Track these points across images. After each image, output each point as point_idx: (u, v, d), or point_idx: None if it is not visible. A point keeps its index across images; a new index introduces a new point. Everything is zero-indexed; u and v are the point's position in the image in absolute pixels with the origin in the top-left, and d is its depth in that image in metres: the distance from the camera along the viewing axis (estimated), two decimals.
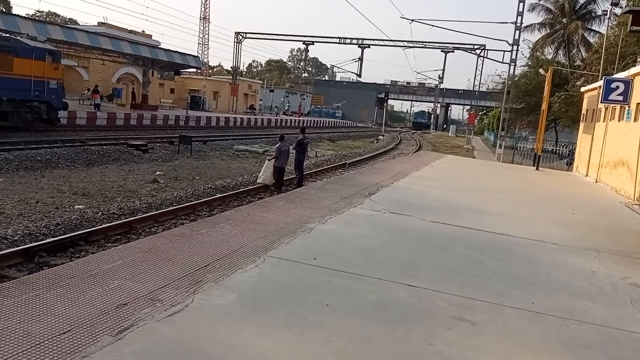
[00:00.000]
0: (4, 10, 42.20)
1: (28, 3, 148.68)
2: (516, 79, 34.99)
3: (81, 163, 15.74)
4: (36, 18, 44.92)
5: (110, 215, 9.67)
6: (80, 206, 10.31)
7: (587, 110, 22.53)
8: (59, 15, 69.35)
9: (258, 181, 14.18)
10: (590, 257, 7.20)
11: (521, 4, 31.55)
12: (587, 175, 20.01)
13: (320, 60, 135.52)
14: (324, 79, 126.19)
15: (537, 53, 41.27)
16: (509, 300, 5.08)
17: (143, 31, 54.11)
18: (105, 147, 18.82)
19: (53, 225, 8.57)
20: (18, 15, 30.99)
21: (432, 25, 38.02)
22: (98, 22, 50.63)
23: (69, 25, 41.52)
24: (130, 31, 50.20)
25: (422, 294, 5.00)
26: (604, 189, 16.27)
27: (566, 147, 31.39)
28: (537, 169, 22.28)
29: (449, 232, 7.87)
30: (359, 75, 60.53)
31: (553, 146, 32.52)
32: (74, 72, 41.22)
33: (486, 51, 47.14)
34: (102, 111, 30.85)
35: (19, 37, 22.42)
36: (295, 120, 58.39)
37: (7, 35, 22.66)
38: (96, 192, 11.87)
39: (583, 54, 40.53)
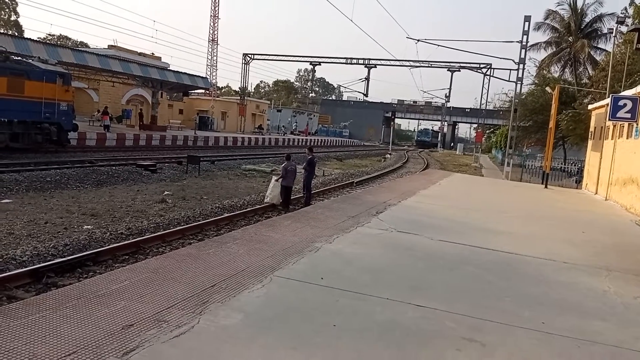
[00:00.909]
0: (16, 34, 42.99)
1: (40, 27, 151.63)
2: (523, 97, 35.01)
3: (90, 183, 15.84)
4: (47, 41, 45.80)
5: (118, 235, 9.69)
6: (89, 226, 10.34)
7: (595, 127, 22.46)
8: (69, 39, 70.60)
9: (265, 200, 14.19)
10: (601, 276, 7.10)
11: (527, 23, 31.75)
12: (596, 193, 19.85)
13: (327, 80, 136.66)
14: (331, 98, 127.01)
15: (544, 71, 41.34)
16: (520, 320, 5.01)
17: (152, 53, 55.00)
18: (114, 167, 18.97)
19: (61, 245, 8.60)
20: (30, 38, 31.60)
21: (438, 45, 38.45)
22: (108, 45, 51.53)
23: (80, 48, 42.25)
24: (140, 53, 51.02)
25: (431, 315, 4.94)
26: (614, 207, 16.11)
27: (575, 165, 31.22)
28: (545, 186, 22.15)
29: (457, 251, 7.80)
30: (366, 95, 60.99)
31: (561, 164, 32.35)
32: (84, 94, 41.79)
33: (492, 70, 47.40)
34: (112, 132, 31.18)
35: (30, 60, 22.80)
36: (302, 139, 58.61)
37: (19, 58, 23.04)
38: (105, 212, 11.92)
39: (590, 72, 40.53)
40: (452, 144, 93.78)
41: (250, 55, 57.50)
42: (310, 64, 62.38)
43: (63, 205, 12.32)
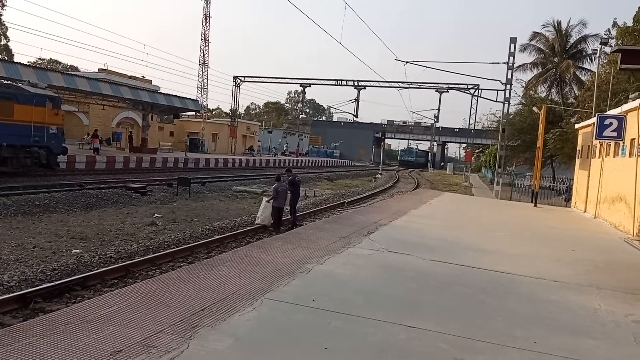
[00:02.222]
0: (6, 58, 43.02)
1: (30, 51, 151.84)
2: (511, 117, 35.42)
3: (80, 207, 15.72)
4: (38, 65, 45.83)
5: (107, 259, 9.59)
6: (78, 250, 10.23)
7: (582, 146, 22.74)
8: (60, 63, 70.70)
9: (256, 222, 14.14)
10: (592, 294, 7.13)
11: (512, 45, 32.34)
12: (585, 211, 20.00)
13: (317, 101, 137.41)
14: (321, 119, 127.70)
15: (531, 91, 41.93)
16: (511, 340, 5.00)
17: (143, 76, 55.25)
18: (104, 190, 18.84)
19: (50, 270, 8.49)
20: (19, 63, 31.60)
21: (426, 67, 38.93)
22: (99, 69, 51.69)
23: (70, 72, 42.32)
24: (131, 77, 51.19)
25: (423, 336, 4.92)
26: (603, 225, 16.23)
27: (563, 183, 31.47)
28: (535, 205, 22.29)
29: (448, 271, 7.80)
30: (356, 116, 61.32)
31: (550, 182, 32.61)
32: (74, 117, 41.73)
33: (480, 90, 48.02)
34: (102, 155, 31.06)
35: (20, 84, 22.77)
36: (293, 160, 58.70)
37: (9, 82, 23.00)
38: (94, 235, 11.81)
39: (576, 92, 41.18)
40: (442, 164, 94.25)
41: (240, 78, 57.86)
42: (300, 86, 62.72)
43: (52, 229, 12.19)
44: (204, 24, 75.41)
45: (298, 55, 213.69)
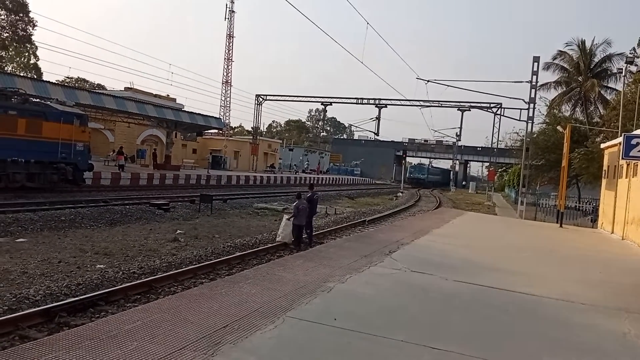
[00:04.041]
0: (35, 76, 44.32)
1: (59, 70, 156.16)
2: (534, 136, 35.03)
3: (104, 222, 15.96)
4: (66, 84, 47.09)
5: (130, 274, 9.69)
6: (102, 265, 10.37)
7: (608, 166, 22.33)
8: (87, 81, 72.55)
9: (277, 239, 14.15)
10: (621, 317, 6.93)
11: (536, 64, 32.11)
12: (612, 232, 19.55)
13: (338, 119, 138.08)
14: (342, 137, 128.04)
15: (555, 110, 41.45)
16: None
17: (168, 95, 56.23)
18: (128, 206, 19.11)
19: (74, 285, 8.61)
20: (48, 81, 32.55)
21: (448, 85, 38.80)
22: (125, 87, 52.84)
23: (97, 91, 43.37)
24: (156, 95, 52.18)
25: (447, 357, 4.84)
26: (631, 247, 15.83)
27: (589, 204, 30.88)
28: (560, 226, 21.89)
29: (472, 292, 7.69)
30: (377, 134, 61.24)
31: (576, 202, 32.03)
32: (101, 135, 42.59)
33: (503, 109, 47.56)
34: (126, 172, 31.58)
35: (48, 102, 23.38)
36: (314, 178, 58.85)
37: (38, 100, 23.64)
38: (118, 251, 11.96)
39: (601, 111, 40.57)
40: (464, 183, 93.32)
41: (262, 96, 58.51)
42: (321, 104, 63.12)
43: (77, 244, 12.39)
44: (227, 43, 76.89)
45: (319, 73, 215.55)
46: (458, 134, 63.46)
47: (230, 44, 77.19)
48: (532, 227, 21.83)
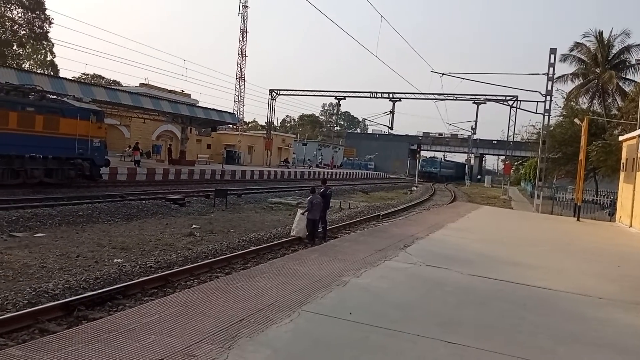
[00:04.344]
0: (52, 73, 44.85)
1: (75, 67, 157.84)
2: (551, 128, 34.59)
3: (121, 217, 16.13)
4: (82, 80, 47.60)
5: (147, 268, 9.80)
6: (119, 260, 10.49)
7: (626, 159, 21.99)
8: (103, 78, 73.23)
9: (292, 234, 14.20)
10: (639, 312, 6.85)
11: (552, 56, 31.66)
12: (631, 225, 19.28)
13: (352, 113, 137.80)
14: (356, 131, 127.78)
15: (572, 103, 40.88)
16: (555, 358, 4.86)
17: (182, 90, 56.54)
18: (144, 201, 19.30)
19: (92, 279, 8.73)
20: (65, 78, 32.86)
21: (463, 78, 38.37)
22: (140, 83, 53.26)
23: (113, 87, 43.74)
24: (170, 91, 52.50)
25: (463, 352, 4.82)
26: None
27: (607, 197, 30.46)
28: (577, 219, 21.64)
29: (488, 286, 7.64)
30: (391, 128, 61.12)
31: (593, 196, 31.61)
32: (117, 131, 43.00)
33: (519, 102, 47.10)
34: (142, 167, 31.87)
35: (65, 99, 23.64)
36: (327, 172, 58.83)
37: (55, 97, 23.92)
38: (134, 245, 12.09)
39: (619, 103, 39.89)
40: (479, 177, 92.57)
41: (276, 91, 58.61)
42: (335, 98, 63.19)
43: (94, 239, 12.55)
44: (241, 39, 76.88)
45: (333, 68, 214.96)
46: (473, 127, 63.07)
47: (244, 39, 77.26)
48: (548, 220, 21.62)
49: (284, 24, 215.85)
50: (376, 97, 57.42)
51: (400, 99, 57.00)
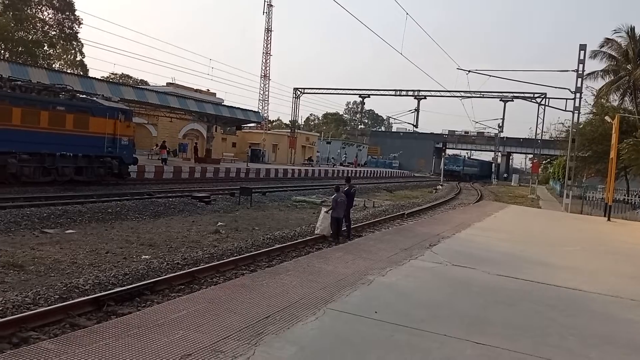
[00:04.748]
0: (82, 73, 45.79)
1: (104, 67, 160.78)
2: (581, 126, 33.86)
3: (148, 215, 16.39)
4: (110, 80, 48.50)
5: (174, 265, 9.94)
6: (147, 256, 10.67)
7: None
8: (131, 77, 74.45)
9: (316, 232, 14.22)
10: None
11: (582, 52, 30.98)
12: None
13: (376, 112, 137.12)
14: (380, 130, 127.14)
15: (602, 100, 39.91)
16: None
17: (208, 89, 57.10)
18: (171, 199, 19.58)
19: (121, 274, 8.89)
20: (94, 77, 33.54)
21: (490, 76, 37.73)
22: (167, 83, 54.05)
23: (140, 86, 44.45)
24: (196, 90, 53.07)
25: (491, 353, 4.76)
26: None
27: (639, 197, 29.67)
28: (608, 219, 21.13)
29: (516, 287, 7.53)
30: (416, 126, 60.61)
31: (625, 195, 30.82)
32: (144, 129, 43.69)
33: (547, 99, 46.23)
34: (169, 165, 32.32)
35: (94, 98, 24.12)
36: (352, 171, 58.73)
37: (84, 96, 24.44)
38: (162, 242, 12.27)
39: None
40: (505, 175, 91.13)
41: (300, 90, 58.73)
42: (359, 97, 63.03)
43: (123, 235, 12.78)
44: (265, 37, 77.36)
45: (357, 66, 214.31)
46: (500, 125, 62.08)
47: (269, 38, 77.69)
48: (578, 220, 21.17)
49: (309, 22, 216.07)
50: (400, 95, 57.09)
51: (425, 97, 56.53)
